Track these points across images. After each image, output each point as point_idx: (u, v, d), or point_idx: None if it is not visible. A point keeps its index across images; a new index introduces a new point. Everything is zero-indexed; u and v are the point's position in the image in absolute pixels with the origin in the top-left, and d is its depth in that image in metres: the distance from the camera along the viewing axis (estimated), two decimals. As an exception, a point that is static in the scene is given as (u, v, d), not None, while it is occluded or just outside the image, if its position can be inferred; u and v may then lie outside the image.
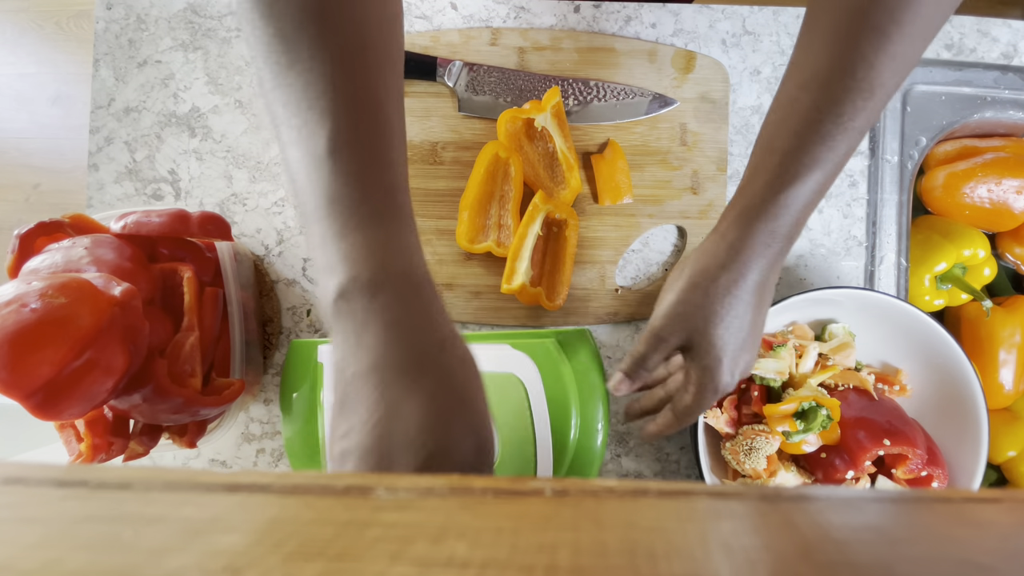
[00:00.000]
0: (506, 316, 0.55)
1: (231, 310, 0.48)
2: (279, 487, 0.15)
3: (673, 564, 0.11)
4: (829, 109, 0.33)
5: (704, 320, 0.36)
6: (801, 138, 0.34)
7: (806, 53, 0.35)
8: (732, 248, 0.35)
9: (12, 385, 0.36)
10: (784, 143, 0.34)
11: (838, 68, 0.33)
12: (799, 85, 0.34)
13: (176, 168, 0.57)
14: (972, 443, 0.47)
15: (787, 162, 0.34)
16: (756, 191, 0.35)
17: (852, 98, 0.33)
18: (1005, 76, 0.56)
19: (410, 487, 0.15)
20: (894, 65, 0.32)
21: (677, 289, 0.37)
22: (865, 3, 0.32)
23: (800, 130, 0.34)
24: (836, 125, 0.33)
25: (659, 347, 0.38)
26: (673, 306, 0.37)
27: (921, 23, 0.32)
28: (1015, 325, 0.53)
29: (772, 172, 0.35)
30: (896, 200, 0.55)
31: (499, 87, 0.55)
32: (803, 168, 0.34)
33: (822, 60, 0.33)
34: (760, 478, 0.48)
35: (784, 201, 0.34)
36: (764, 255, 0.35)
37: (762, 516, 0.14)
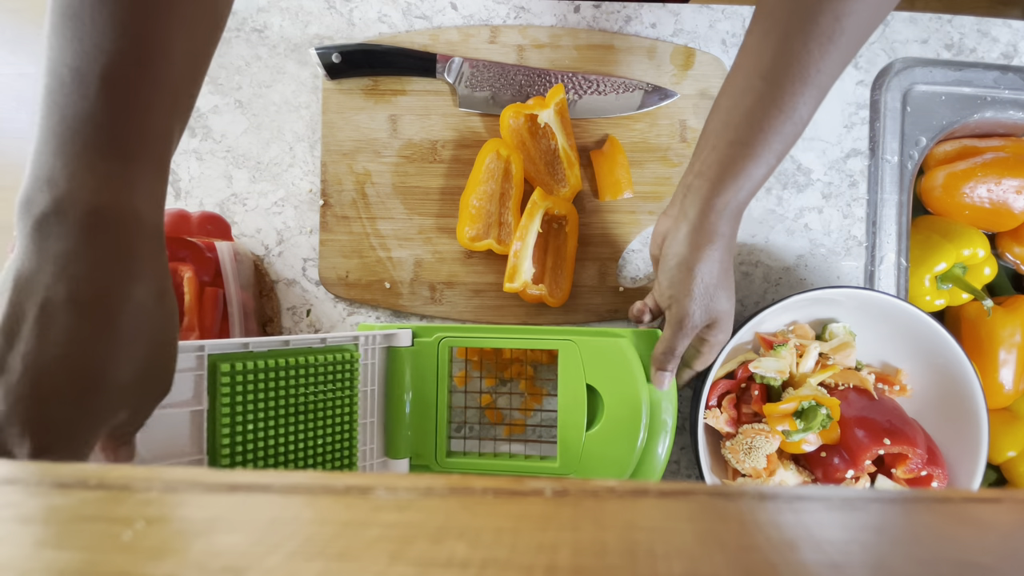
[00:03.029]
0: (507, 314, 0.55)
1: (231, 310, 0.48)
2: (279, 487, 0.15)
3: (673, 564, 0.11)
4: (777, 101, 0.38)
5: (716, 300, 0.43)
6: (752, 126, 0.39)
7: (758, 47, 0.39)
8: (706, 230, 0.42)
9: (12, 385, 0.36)
10: (734, 132, 0.40)
11: (787, 64, 0.38)
12: (750, 75, 0.39)
13: (176, 168, 0.57)
14: (972, 443, 0.47)
15: (738, 149, 0.40)
16: (713, 174, 0.41)
17: (798, 91, 0.38)
18: (1005, 76, 0.56)
19: (410, 487, 0.15)
20: (835, 63, 0.38)
21: (687, 285, 0.43)
22: (813, 6, 0.36)
23: (751, 118, 0.39)
24: (783, 114, 0.38)
25: (691, 334, 0.45)
26: (696, 299, 0.43)
27: (861, 26, 0.37)
28: (1015, 325, 0.53)
29: (726, 155, 0.40)
30: (896, 200, 0.55)
31: (499, 83, 0.55)
32: (754, 152, 0.39)
33: (772, 55, 0.38)
34: (760, 477, 0.48)
35: (739, 183, 0.40)
36: (729, 225, 0.42)
37: (762, 516, 0.14)
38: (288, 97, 0.57)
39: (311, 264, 0.56)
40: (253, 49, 0.57)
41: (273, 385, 0.40)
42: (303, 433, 0.42)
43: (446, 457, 0.48)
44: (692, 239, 0.42)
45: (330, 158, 0.55)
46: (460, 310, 0.55)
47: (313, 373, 0.42)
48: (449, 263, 0.55)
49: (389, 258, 0.55)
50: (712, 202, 0.41)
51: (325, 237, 0.55)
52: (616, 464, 0.45)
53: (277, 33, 0.57)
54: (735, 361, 0.50)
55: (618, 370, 0.46)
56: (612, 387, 0.46)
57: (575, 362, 0.46)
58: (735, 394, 0.50)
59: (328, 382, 0.43)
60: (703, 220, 0.41)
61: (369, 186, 0.55)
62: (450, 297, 0.55)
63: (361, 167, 0.55)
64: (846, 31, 0.37)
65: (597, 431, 0.45)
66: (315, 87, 0.56)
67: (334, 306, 0.56)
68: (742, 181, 0.40)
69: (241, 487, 0.15)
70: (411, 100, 0.55)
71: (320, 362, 0.43)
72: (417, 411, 0.48)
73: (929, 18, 0.56)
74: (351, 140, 0.55)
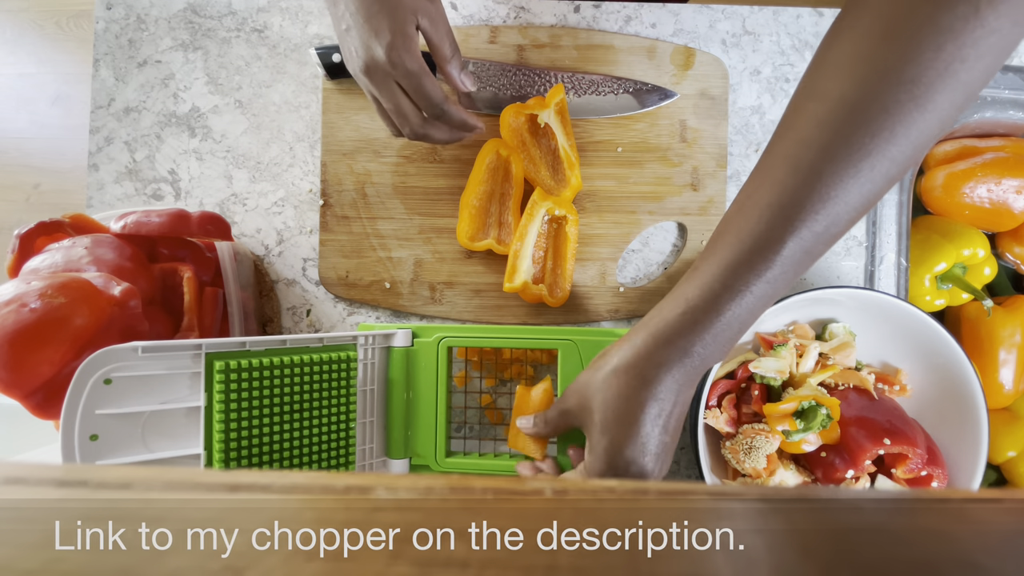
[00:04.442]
0: (507, 314, 0.55)
1: (231, 310, 0.48)
2: (279, 487, 0.15)
3: (672, 564, 0.11)
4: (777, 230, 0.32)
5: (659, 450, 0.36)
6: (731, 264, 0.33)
7: (763, 174, 0.34)
8: (691, 355, 0.35)
9: (12, 384, 0.36)
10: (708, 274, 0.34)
11: (794, 203, 0.32)
12: (748, 205, 0.34)
13: (176, 168, 0.57)
14: (972, 443, 0.47)
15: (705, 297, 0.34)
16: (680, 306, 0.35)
17: (798, 227, 0.32)
18: (1005, 76, 0.56)
19: (410, 487, 0.15)
20: (852, 200, 0.32)
21: (639, 411, 0.36)
22: (828, 139, 0.31)
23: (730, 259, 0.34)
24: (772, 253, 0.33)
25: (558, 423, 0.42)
26: (644, 440, 0.36)
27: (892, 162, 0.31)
28: (1015, 325, 0.53)
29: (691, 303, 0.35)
30: (896, 200, 0.55)
31: (499, 82, 0.55)
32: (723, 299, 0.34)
33: (777, 190, 0.33)
34: (760, 477, 0.48)
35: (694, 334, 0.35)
36: (671, 372, 0.35)
37: (762, 516, 0.14)
38: (288, 97, 0.57)
39: (311, 264, 0.56)
40: (253, 49, 0.57)
41: (269, 384, 0.40)
42: (301, 432, 0.42)
43: (446, 457, 0.48)
44: (652, 354, 0.35)
45: (330, 158, 0.55)
46: (460, 310, 0.55)
47: (310, 372, 0.42)
48: (449, 263, 0.55)
49: (389, 258, 0.55)
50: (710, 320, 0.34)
51: (325, 237, 0.55)
52: None
53: (277, 33, 0.57)
54: (735, 361, 0.50)
55: None
56: None
57: (575, 362, 0.46)
58: (735, 394, 0.50)
59: (325, 381, 0.43)
60: (676, 338, 0.35)
61: (369, 186, 0.55)
62: (450, 297, 0.55)
63: (361, 167, 0.55)
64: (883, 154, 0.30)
65: None
66: (315, 87, 0.56)
67: (334, 306, 0.56)
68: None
69: (241, 487, 0.15)
70: (411, 100, 0.55)
71: (317, 361, 0.43)
72: (417, 411, 0.48)
73: (929, 18, 0.56)
74: (351, 140, 0.55)
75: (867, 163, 0.31)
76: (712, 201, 0.55)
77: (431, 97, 0.43)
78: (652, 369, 0.35)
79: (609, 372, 0.37)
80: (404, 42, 0.41)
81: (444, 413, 0.48)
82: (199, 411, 0.39)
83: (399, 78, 0.42)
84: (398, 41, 0.40)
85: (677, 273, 0.55)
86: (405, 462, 0.48)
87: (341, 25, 0.42)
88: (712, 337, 0.34)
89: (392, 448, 0.48)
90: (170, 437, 0.38)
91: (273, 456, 0.41)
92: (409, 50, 0.41)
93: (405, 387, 0.48)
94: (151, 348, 0.37)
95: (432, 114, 0.44)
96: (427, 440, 0.48)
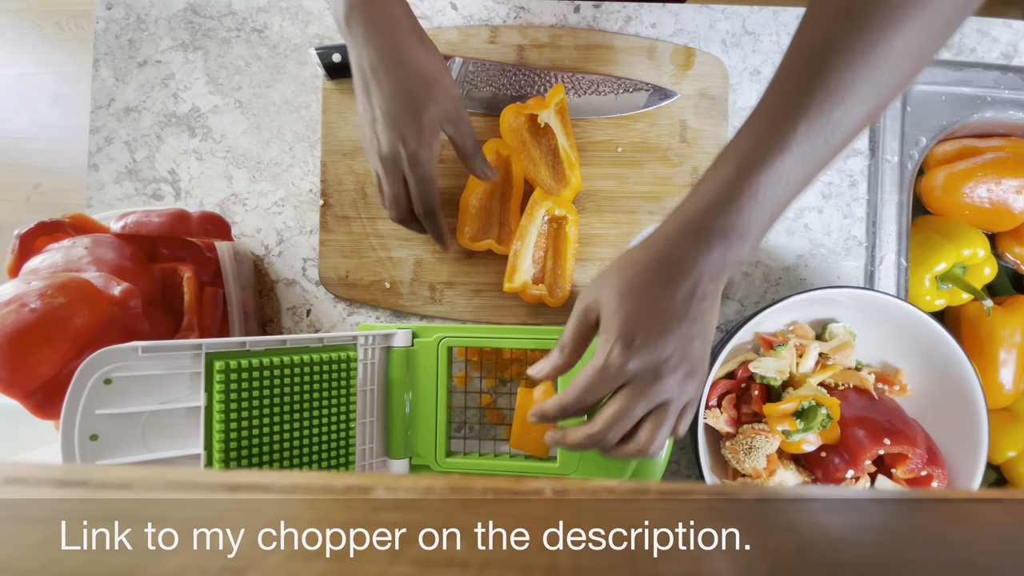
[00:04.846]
0: (507, 314, 0.55)
1: (231, 310, 0.48)
2: (279, 487, 0.15)
3: (673, 564, 0.11)
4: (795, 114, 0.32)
5: (695, 333, 0.34)
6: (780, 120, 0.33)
7: (773, 82, 0.34)
8: (723, 220, 0.33)
9: (12, 384, 0.36)
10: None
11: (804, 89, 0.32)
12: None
13: (176, 168, 0.57)
14: (972, 443, 0.47)
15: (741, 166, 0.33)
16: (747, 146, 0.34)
17: (818, 107, 0.32)
18: (1005, 76, 0.56)
19: (410, 487, 0.15)
20: (870, 82, 0.31)
21: (664, 289, 0.34)
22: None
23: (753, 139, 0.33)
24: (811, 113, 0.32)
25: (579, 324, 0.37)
26: (672, 316, 0.34)
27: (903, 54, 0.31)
28: (1015, 325, 0.53)
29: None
30: (896, 200, 0.55)
31: (499, 83, 0.55)
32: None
33: (793, 72, 0.33)
34: (760, 477, 0.48)
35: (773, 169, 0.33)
36: (701, 250, 0.33)
37: (762, 516, 0.14)
38: (288, 97, 0.57)
39: (311, 264, 0.56)
40: (253, 49, 0.57)
41: (269, 384, 0.40)
42: (301, 432, 0.42)
43: (446, 457, 0.48)
44: (685, 234, 0.33)
45: (330, 158, 0.55)
46: (460, 310, 0.55)
47: (310, 372, 0.42)
48: (449, 263, 0.55)
49: (389, 258, 0.55)
50: (744, 183, 0.32)
51: (325, 237, 0.55)
52: (616, 464, 0.45)
53: (277, 33, 0.57)
54: (735, 361, 0.50)
55: None
56: None
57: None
58: (735, 394, 0.50)
59: (325, 381, 0.43)
60: (708, 213, 0.33)
61: (369, 186, 0.55)
62: (450, 297, 0.55)
63: (361, 167, 0.55)
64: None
65: None
66: (315, 87, 0.56)
67: (334, 306, 0.56)
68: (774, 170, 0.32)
69: (241, 487, 0.15)
70: (411, 100, 0.55)
71: (317, 361, 0.43)
72: (417, 411, 0.48)
73: (929, 18, 0.56)
74: (351, 140, 0.55)
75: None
76: (712, 201, 0.55)
77: (428, 203, 0.46)
78: (677, 248, 0.33)
79: (632, 258, 0.35)
80: (426, 152, 0.44)
81: (444, 413, 0.48)
82: (199, 411, 0.39)
83: (409, 178, 0.45)
84: (422, 151, 0.44)
85: (677, 273, 0.55)
86: (405, 462, 0.48)
87: (368, 115, 0.45)
88: (734, 219, 0.33)
89: (392, 448, 0.48)
90: (170, 437, 0.38)
91: (273, 456, 0.41)
92: (428, 159, 0.45)
93: (405, 387, 0.48)
94: (151, 348, 0.37)
95: (421, 214, 0.48)
96: (427, 440, 0.48)
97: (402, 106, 0.43)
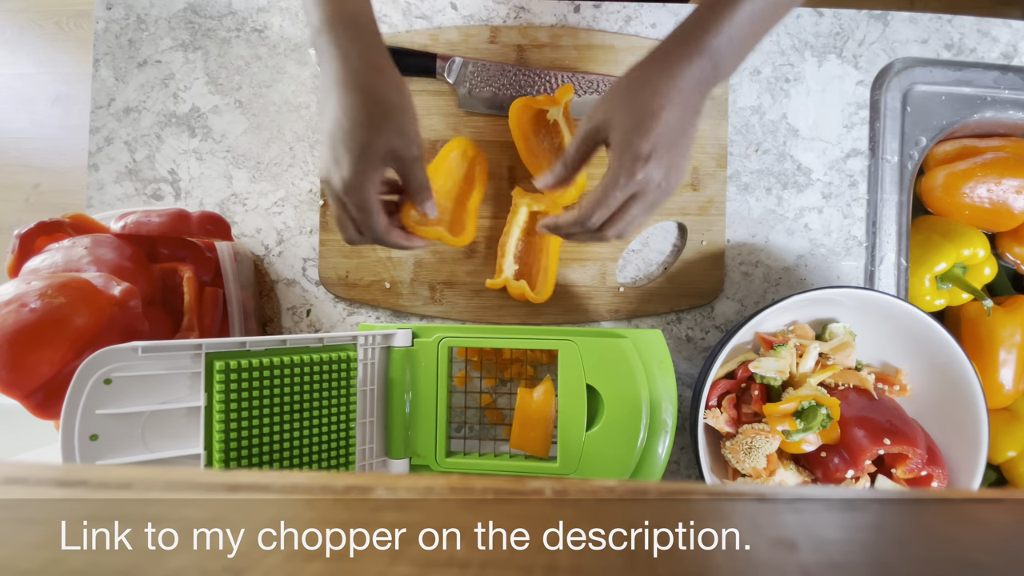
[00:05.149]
0: (507, 314, 0.55)
1: (231, 310, 0.48)
2: (279, 487, 0.15)
3: (673, 564, 0.11)
4: None
5: (678, 144, 0.40)
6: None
7: None
8: (692, 42, 0.39)
9: (12, 384, 0.36)
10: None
11: None
12: None
13: (176, 168, 0.57)
14: (972, 443, 0.47)
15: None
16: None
17: None
18: (1005, 76, 0.56)
19: (410, 487, 0.15)
20: None
21: (649, 106, 0.39)
22: None
23: None
24: None
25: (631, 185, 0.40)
26: (657, 131, 0.39)
27: None
28: (1015, 325, 0.53)
29: None
30: (896, 200, 0.55)
31: (499, 83, 0.55)
32: None
33: None
34: (760, 477, 0.48)
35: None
36: (691, 64, 0.39)
37: (762, 516, 0.14)
38: (288, 97, 0.57)
39: (311, 264, 0.56)
40: (253, 49, 0.57)
41: (269, 384, 0.40)
42: (301, 432, 0.42)
43: (446, 457, 0.48)
44: (671, 50, 0.39)
45: (330, 158, 0.55)
46: (460, 310, 0.55)
47: (310, 372, 0.42)
48: (449, 263, 0.55)
49: (389, 258, 0.55)
50: (707, 19, 0.39)
51: (325, 237, 0.55)
52: (616, 464, 0.45)
53: (277, 33, 0.57)
54: (735, 361, 0.50)
55: (618, 370, 0.46)
56: (612, 387, 0.46)
57: (575, 362, 0.46)
58: (735, 394, 0.50)
59: (325, 381, 0.43)
60: (692, 31, 0.39)
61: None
62: (450, 297, 0.55)
63: (361, 167, 0.55)
64: None
65: (597, 431, 0.45)
66: (315, 87, 0.56)
67: (334, 306, 0.56)
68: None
69: (241, 487, 0.15)
70: (411, 100, 0.55)
71: (317, 361, 0.43)
72: (417, 411, 0.48)
73: (929, 18, 0.56)
74: (351, 140, 0.55)
75: None
76: (712, 201, 0.55)
77: (374, 231, 0.43)
78: (672, 61, 0.39)
79: (631, 79, 0.40)
80: (361, 182, 0.41)
81: (444, 413, 0.48)
82: (199, 411, 0.39)
83: (349, 207, 0.42)
84: (355, 181, 0.41)
85: (677, 273, 0.55)
86: (405, 462, 0.48)
87: (320, 128, 0.45)
88: (725, 37, 0.39)
89: (392, 448, 0.48)
90: (170, 437, 0.38)
91: (273, 456, 0.41)
92: (364, 189, 0.41)
93: (405, 387, 0.48)
94: (151, 348, 0.37)
95: (369, 241, 0.44)
96: (427, 440, 0.48)
97: (346, 130, 0.40)
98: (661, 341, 0.46)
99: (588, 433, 0.45)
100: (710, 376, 0.47)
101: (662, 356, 0.46)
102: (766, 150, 0.56)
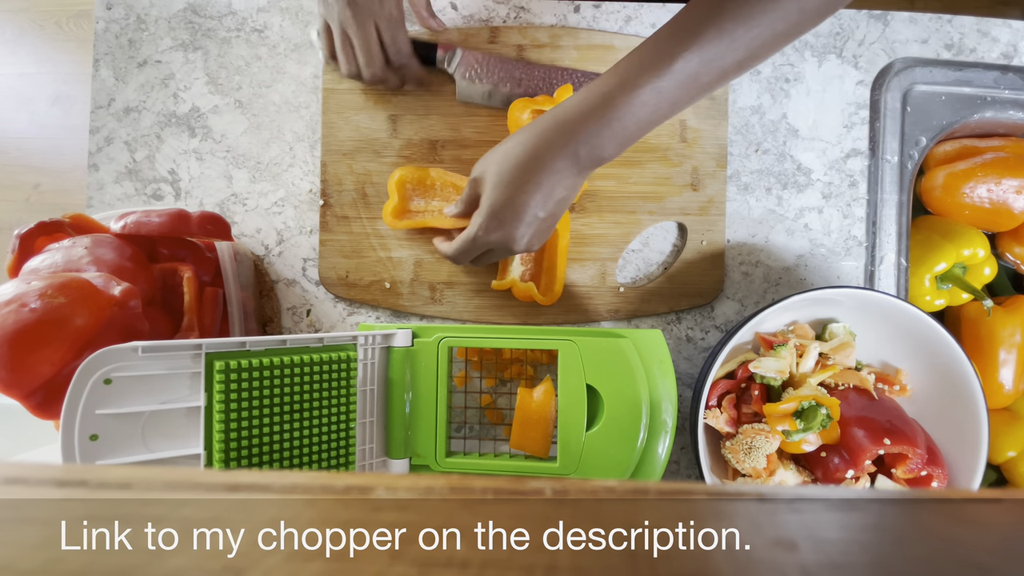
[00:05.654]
0: (507, 314, 0.55)
1: (231, 310, 0.48)
2: (279, 487, 0.15)
3: (673, 564, 0.11)
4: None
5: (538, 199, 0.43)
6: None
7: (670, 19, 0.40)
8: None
9: (12, 384, 0.36)
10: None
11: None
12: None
13: (176, 168, 0.57)
14: (972, 443, 0.47)
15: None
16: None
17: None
18: (1005, 76, 0.56)
19: (410, 487, 0.15)
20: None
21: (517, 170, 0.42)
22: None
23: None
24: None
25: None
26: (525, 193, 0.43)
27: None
28: (1015, 325, 0.53)
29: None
30: (896, 200, 0.55)
31: (497, 76, 0.54)
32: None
33: (675, 20, 0.39)
34: (760, 477, 0.48)
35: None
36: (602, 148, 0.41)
37: (762, 516, 0.14)
38: (288, 97, 0.57)
39: (311, 264, 0.56)
40: (253, 49, 0.57)
41: (269, 384, 0.40)
42: (301, 432, 0.42)
43: (446, 457, 0.48)
44: (544, 133, 0.41)
45: (330, 158, 0.55)
46: (460, 310, 0.55)
47: (310, 372, 0.42)
48: (449, 263, 0.55)
49: (389, 258, 0.55)
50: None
51: (325, 237, 0.55)
52: (616, 464, 0.45)
53: (277, 33, 0.57)
54: (735, 361, 0.50)
55: (618, 370, 0.46)
56: (612, 387, 0.46)
57: (575, 362, 0.46)
58: (735, 394, 0.50)
59: (325, 381, 0.43)
60: (568, 122, 0.40)
61: (369, 186, 0.55)
62: (450, 297, 0.55)
63: (361, 167, 0.55)
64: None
65: (597, 431, 0.45)
66: (315, 87, 0.56)
67: (334, 306, 0.56)
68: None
69: (241, 487, 0.15)
70: (411, 99, 0.55)
71: (317, 361, 0.43)
72: (417, 411, 0.48)
73: (929, 18, 0.56)
74: (351, 140, 0.55)
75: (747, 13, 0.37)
76: (712, 201, 0.55)
77: (402, 46, 0.47)
78: (545, 149, 0.41)
79: (511, 146, 0.42)
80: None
81: (444, 413, 0.48)
82: (199, 411, 0.39)
83: (379, 20, 0.46)
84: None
85: (677, 273, 0.55)
86: (405, 462, 0.48)
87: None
88: (602, 130, 0.39)
89: (392, 448, 0.48)
90: (170, 437, 0.38)
91: (273, 456, 0.41)
92: (393, 2, 0.45)
93: (405, 387, 0.48)
94: (151, 348, 0.37)
95: (397, 62, 0.49)
96: (427, 440, 0.48)
97: None
98: (661, 341, 0.46)
99: (588, 433, 0.45)
100: (710, 376, 0.47)
101: (662, 356, 0.46)
102: (766, 150, 0.56)
